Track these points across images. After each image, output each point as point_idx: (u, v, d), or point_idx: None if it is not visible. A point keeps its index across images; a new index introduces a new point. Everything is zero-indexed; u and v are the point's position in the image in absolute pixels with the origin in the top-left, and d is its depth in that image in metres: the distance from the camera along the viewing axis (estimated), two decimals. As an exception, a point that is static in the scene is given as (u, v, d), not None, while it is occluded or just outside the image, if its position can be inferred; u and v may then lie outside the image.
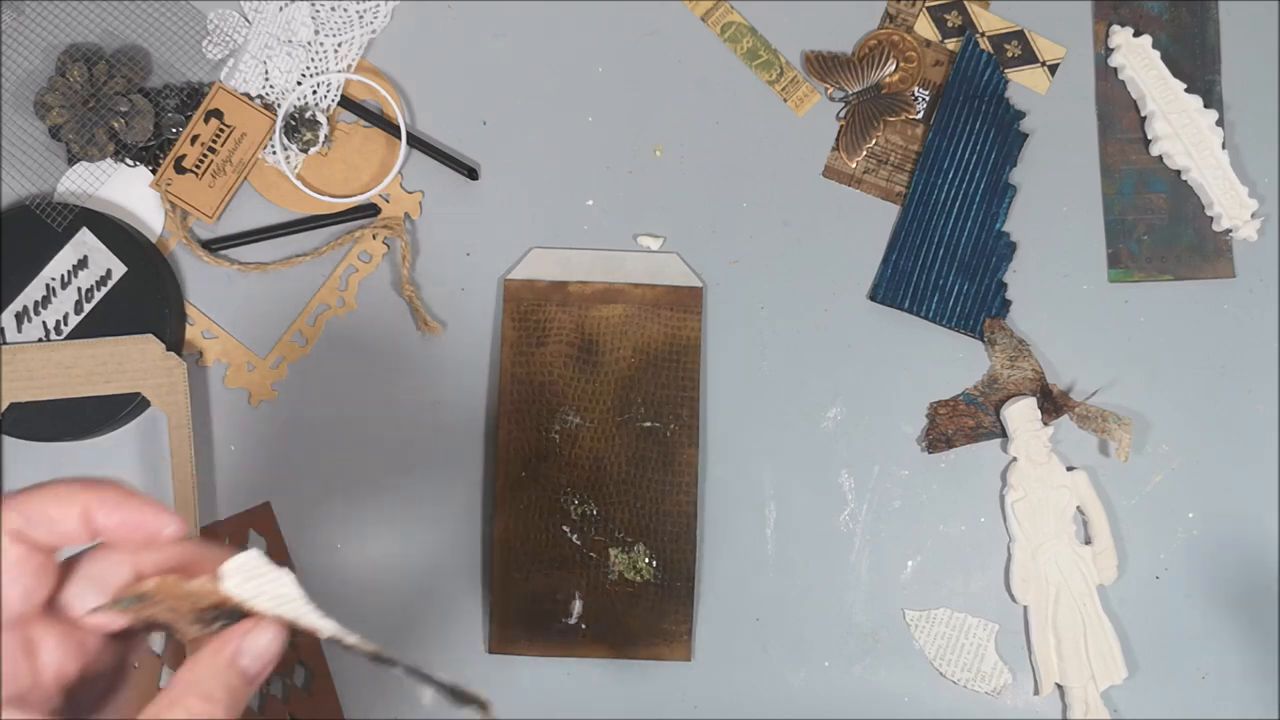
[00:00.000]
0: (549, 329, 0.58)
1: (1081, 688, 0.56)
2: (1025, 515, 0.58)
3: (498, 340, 0.59)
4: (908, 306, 0.59)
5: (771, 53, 0.61)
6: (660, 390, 0.58)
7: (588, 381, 0.58)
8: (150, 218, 0.59)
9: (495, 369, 0.59)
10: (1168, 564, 0.58)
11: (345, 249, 0.59)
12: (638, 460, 0.57)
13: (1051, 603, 0.57)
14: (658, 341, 0.58)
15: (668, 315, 0.58)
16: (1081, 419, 0.58)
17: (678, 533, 0.57)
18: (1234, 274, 0.60)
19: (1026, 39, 0.61)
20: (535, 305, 0.58)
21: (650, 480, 0.57)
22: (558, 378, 0.58)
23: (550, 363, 0.58)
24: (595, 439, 0.57)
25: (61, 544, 0.34)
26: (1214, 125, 0.60)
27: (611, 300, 0.58)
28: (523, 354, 0.58)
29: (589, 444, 0.57)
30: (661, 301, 0.58)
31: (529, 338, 0.58)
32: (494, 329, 0.59)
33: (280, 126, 0.59)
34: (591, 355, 0.58)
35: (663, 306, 0.58)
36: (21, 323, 0.57)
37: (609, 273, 0.59)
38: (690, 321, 0.58)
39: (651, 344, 0.58)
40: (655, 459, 0.57)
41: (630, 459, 0.57)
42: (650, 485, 0.57)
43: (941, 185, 0.60)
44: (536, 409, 0.57)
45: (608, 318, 0.58)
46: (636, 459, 0.57)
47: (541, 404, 0.57)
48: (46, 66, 0.59)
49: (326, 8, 0.60)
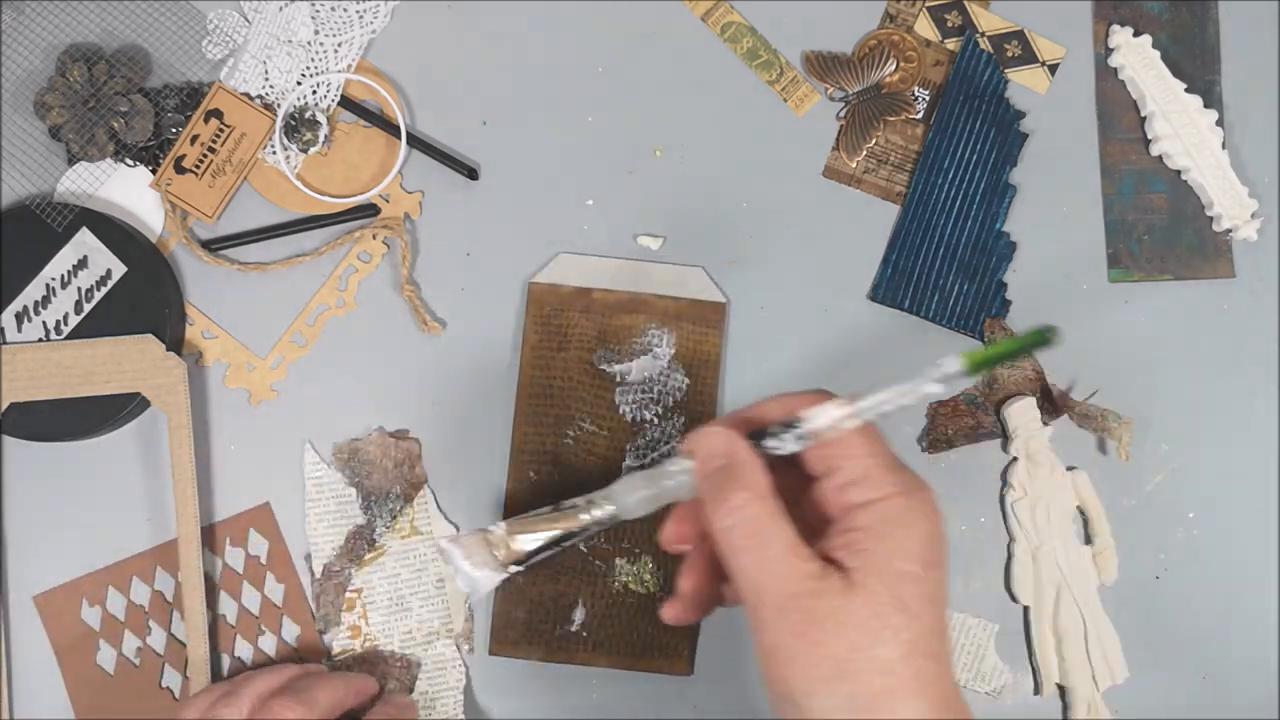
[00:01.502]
0: (570, 334, 0.58)
1: (1083, 688, 0.56)
2: (1025, 515, 0.58)
3: (501, 340, 0.59)
4: (908, 306, 0.59)
5: (771, 53, 0.61)
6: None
7: (605, 389, 0.58)
8: (150, 218, 0.59)
9: (497, 369, 0.59)
10: (1168, 564, 0.58)
11: (345, 249, 0.59)
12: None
13: (1051, 603, 0.57)
14: (678, 354, 0.58)
15: (689, 329, 0.58)
16: (1081, 419, 0.58)
17: None
18: (1234, 274, 0.60)
19: (1026, 39, 0.61)
20: (558, 310, 0.58)
21: None
22: (576, 383, 0.58)
23: (569, 368, 0.58)
24: (609, 447, 0.57)
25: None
26: (1214, 125, 0.60)
27: (634, 310, 0.58)
28: (542, 358, 0.58)
29: (603, 451, 0.57)
30: (684, 314, 0.58)
31: (549, 342, 0.58)
32: (496, 329, 0.59)
33: (280, 126, 0.59)
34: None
35: (685, 320, 0.58)
36: (21, 323, 0.57)
37: (633, 282, 0.59)
38: (711, 336, 0.58)
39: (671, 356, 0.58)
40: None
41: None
42: None
43: (941, 185, 0.60)
44: (553, 413, 0.57)
45: (629, 327, 0.58)
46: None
47: (558, 408, 0.57)
48: (46, 66, 0.59)
49: (326, 8, 0.60)
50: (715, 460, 0.42)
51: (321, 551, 0.57)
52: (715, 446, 0.42)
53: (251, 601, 0.57)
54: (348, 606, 0.56)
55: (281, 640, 0.56)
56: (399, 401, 0.58)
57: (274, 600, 0.57)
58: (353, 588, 0.56)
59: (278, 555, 0.57)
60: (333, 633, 0.56)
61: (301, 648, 0.57)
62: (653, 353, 0.58)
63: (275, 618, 0.57)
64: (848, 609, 0.39)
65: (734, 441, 0.42)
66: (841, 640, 0.38)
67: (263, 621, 0.57)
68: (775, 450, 0.42)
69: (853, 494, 0.41)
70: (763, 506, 0.40)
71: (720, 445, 0.42)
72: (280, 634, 0.56)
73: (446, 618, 0.57)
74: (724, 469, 0.41)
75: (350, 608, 0.56)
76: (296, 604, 0.57)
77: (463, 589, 0.46)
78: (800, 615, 0.39)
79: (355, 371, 0.59)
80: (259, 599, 0.57)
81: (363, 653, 0.56)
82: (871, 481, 0.41)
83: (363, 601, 0.56)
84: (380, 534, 0.57)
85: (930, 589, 0.40)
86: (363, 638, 0.56)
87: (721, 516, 0.41)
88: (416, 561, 0.57)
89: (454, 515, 0.58)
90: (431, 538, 0.57)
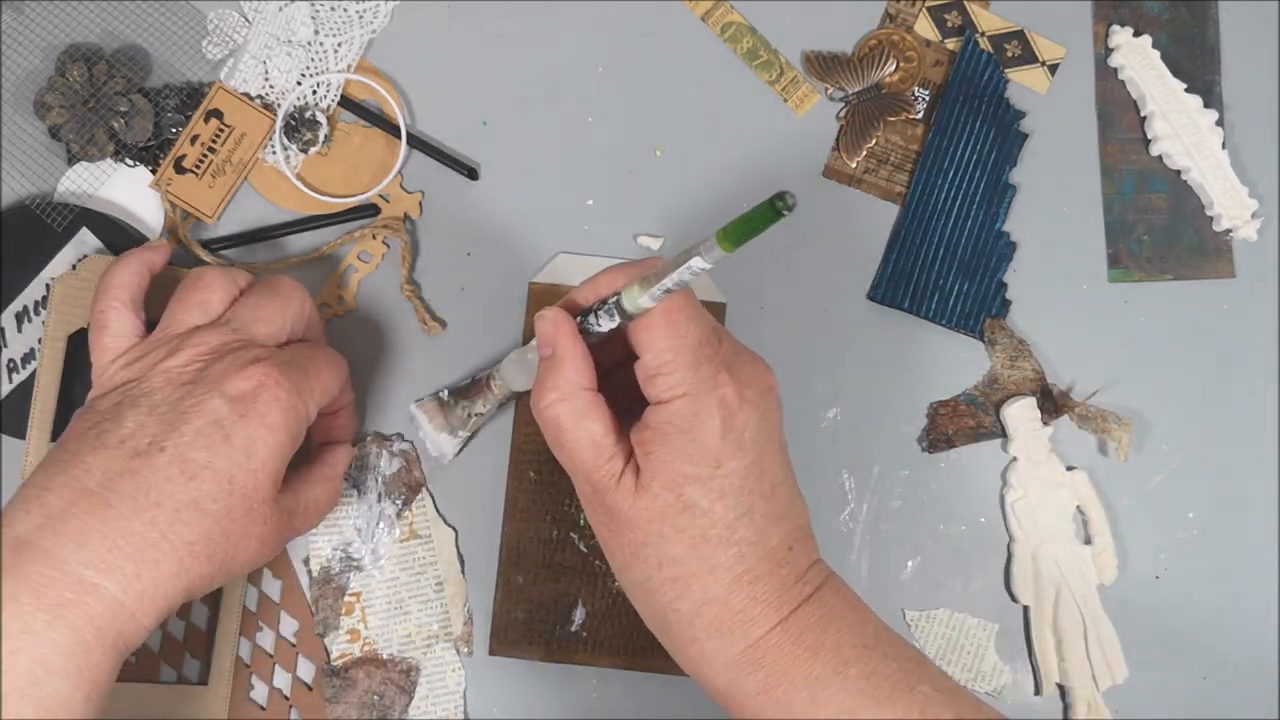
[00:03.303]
0: None
1: (1083, 688, 0.56)
2: (1025, 515, 0.58)
3: (501, 340, 0.59)
4: (908, 306, 0.59)
5: (771, 53, 0.61)
6: None
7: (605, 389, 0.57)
8: (150, 218, 0.59)
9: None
10: (1168, 564, 0.58)
11: (345, 249, 0.59)
12: None
13: (1051, 603, 0.57)
14: None
15: None
16: (1081, 419, 0.58)
17: None
18: (1234, 274, 0.60)
19: (1026, 39, 0.61)
20: None
21: None
22: None
23: None
24: None
25: None
26: (1214, 125, 0.60)
27: None
28: None
29: None
30: None
31: None
32: (496, 329, 0.59)
33: (280, 126, 0.59)
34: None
35: None
36: (22, 322, 0.57)
37: None
38: None
39: None
40: None
41: None
42: None
43: (941, 185, 0.60)
44: None
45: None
46: None
47: None
48: (46, 66, 0.59)
49: (326, 8, 0.60)
50: (545, 349, 0.46)
51: (320, 554, 0.57)
52: (544, 334, 0.46)
53: (249, 599, 0.56)
54: (346, 610, 0.56)
55: (280, 637, 0.56)
56: (398, 402, 0.58)
57: (271, 596, 0.56)
58: (351, 591, 0.56)
59: (278, 555, 0.57)
60: (331, 636, 0.56)
61: (301, 645, 0.56)
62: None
63: (273, 612, 0.56)
64: (635, 509, 0.43)
65: (559, 329, 0.45)
66: (632, 535, 0.43)
67: (260, 619, 0.56)
68: (594, 329, 0.44)
69: (649, 388, 0.44)
70: (570, 405, 0.44)
71: (547, 333, 0.46)
72: (279, 630, 0.56)
73: (446, 621, 0.57)
74: (548, 361, 0.45)
75: (349, 611, 0.56)
76: (293, 602, 0.57)
77: (431, 454, 0.56)
78: (600, 509, 0.45)
79: (355, 372, 0.58)
80: (255, 595, 0.56)
81: (362, 656, 0.56)
82: (664, 378, 0.43)
83: (361, 605, 0.56)
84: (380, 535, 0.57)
85: (723, 483, 0.43)
86: (361, 641, 0.56)
87: (538, 412, 0.45)
88: (415, 565, 0.57)
89: (452, 518, 0.58)
90: (430, 541, 0.57)
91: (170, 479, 0.43)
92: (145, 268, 0.51)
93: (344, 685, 0.55)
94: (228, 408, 0.44)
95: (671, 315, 0.43)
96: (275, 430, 0.45)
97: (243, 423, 0.44)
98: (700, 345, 0.44)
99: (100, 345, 0.48)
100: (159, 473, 0.43)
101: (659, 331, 0.43)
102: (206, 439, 0.44)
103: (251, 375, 0.45)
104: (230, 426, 0.44)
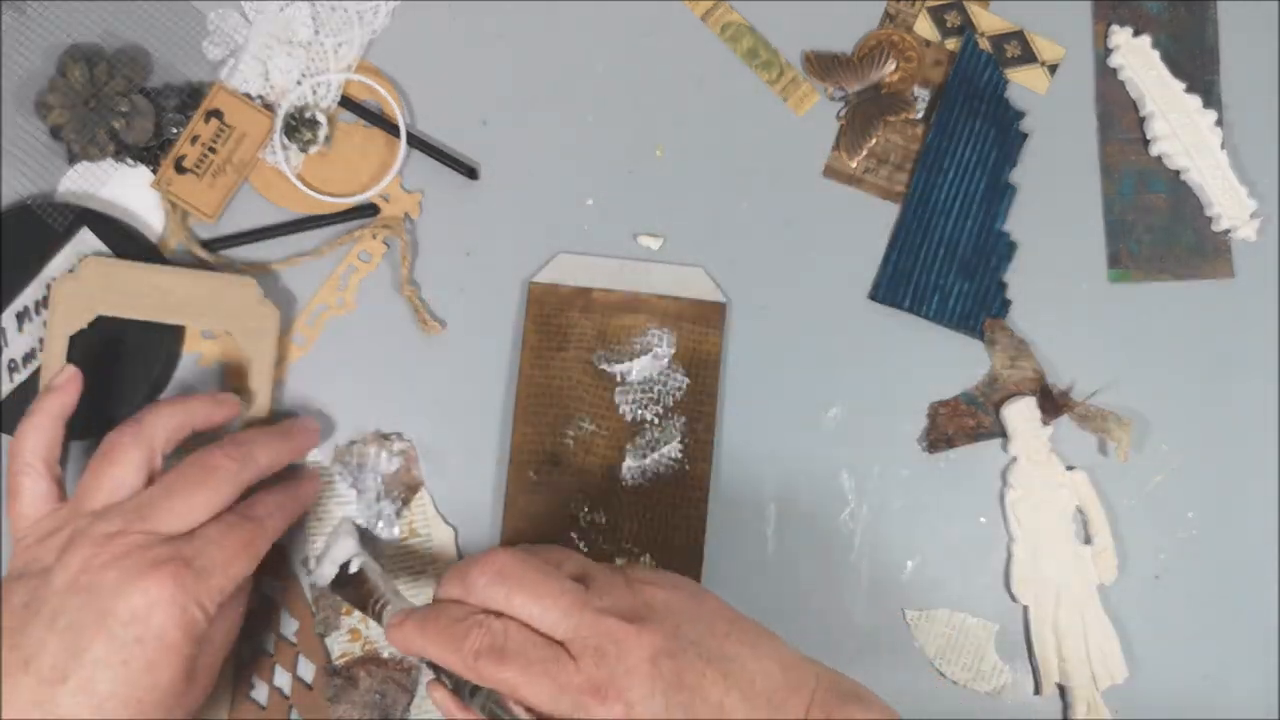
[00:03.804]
0: (570, 334, 0.58)
1: (1083, 688, 0.56)
2: (1025, 515, 0.58)
3: (501, 340, 0.59)
4: (908, 306, 0.59)
5: (771, 53, 0.61)
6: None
7: (605, 389, 0.58)
8: (150, 218, 0.59)
9: (498, 369, 0.59)
10: (1168, 564, 0.58)
11: (345, 249, 0.59)
12: (650, 472, 0.57)
13: (1051, 603, 0.57)
14: (678, 354, 0.58)
15: (689, 329, 0.58)
16: (1081, 419, 0.58)
17: (685, 547, 0.57)
18: (1234, 274, 0.60)
19: (1026, 39, 0.61)
20: (558, 310, 0.58)
21: (661, 493, 0.57)
22: (575, 383, 0.58)
23: (569, 368, 0.58)
24: (609, 448, 0.57)
25: None
26: (1214, 125, 0.60)
27: (634, 310, 0.58)
28: (542, 358, 0.58)
29: (602, 452, 0.57)
30: (684, 315, 0.58)
31: (549, 342, 0.58)
32: (496, 329, 0.59)
33: (280, 126, 0.59)
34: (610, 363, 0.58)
35: (685, 320, 0.58)
36: (22, 322, 0.57)
37: (633, 282, 0.59)
38: (711, 336, 0.58)
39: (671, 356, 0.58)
40: (668, 472, 0.57)
41: (642, 470, 0.57)
42: (661, 498, 0.57)
43: (941, 185, 0.60)
44: (552, 413, 0.57)
45: (629, 327, 0.58)
46: (649, 471, 0.57)
47: (557, 409, 0.57)
48: (47, 66, 0.59)
49: (326, 8, 0.60)
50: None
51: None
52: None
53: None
54: (346, 611, 0.56)
55: (280, 636, 0.56)
56: (398, 402, 0.58)
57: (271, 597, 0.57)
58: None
59: (277, 555, 0.57)
60: (332, 636, 0.56)
61: (301, 644, 0.56)
62: (653, 353, 0.58)
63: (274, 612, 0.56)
64: None
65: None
66: None
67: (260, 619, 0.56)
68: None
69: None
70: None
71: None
72: (279, 629, 0.56)
73: None
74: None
75: (349, 612, 0.56)
76: (294, 602, 0.57)
77: (311, 566, 0.56)
78: None
79: (355, 372, 0.59)
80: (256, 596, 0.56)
81: (363, 655, 0.56)
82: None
83: (362, 602, 0.56)
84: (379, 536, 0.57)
85: None
86: (363, 640, 0.56)
87: None
88: (416, 564, 0.57)
89: (452, 517, 0.58)
90: (430, 541, 0.57)
91: (78, 706, 0.44)
92: (55, 421, 0.51)
93: (345, 684, 0.55)
94: (124, 631, 0.44)
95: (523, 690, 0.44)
96: (175, 648, 0.45)
97: (139, 647, 0.45)
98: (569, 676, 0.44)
99: (14, 513, 0.49)
100: (63, 704, 0.44)
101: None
102: (107, 668, 0.44)
103: (147, 588, 0.45)
104: (129, 651, 0.44)
